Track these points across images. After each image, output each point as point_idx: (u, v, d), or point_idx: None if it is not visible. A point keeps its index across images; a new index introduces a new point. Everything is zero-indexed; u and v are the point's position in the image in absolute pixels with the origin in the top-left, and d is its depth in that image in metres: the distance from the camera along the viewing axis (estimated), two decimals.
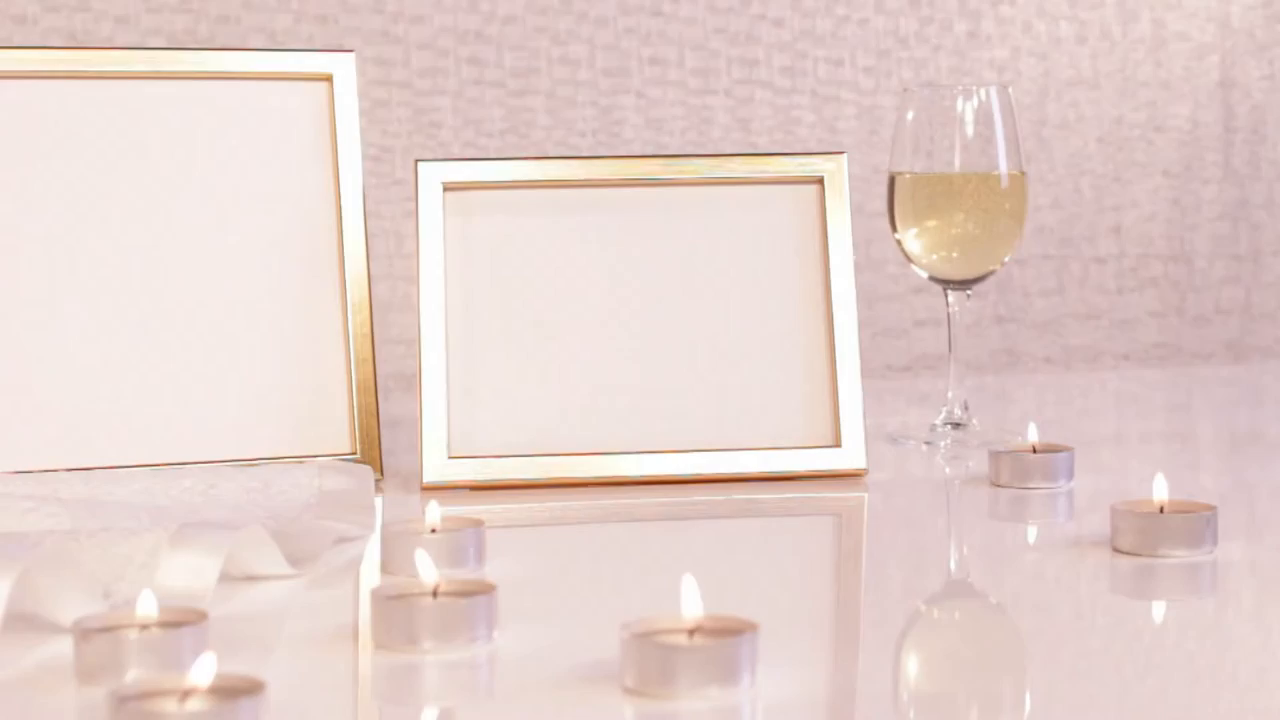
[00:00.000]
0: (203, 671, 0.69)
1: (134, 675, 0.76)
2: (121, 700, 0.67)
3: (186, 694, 0.68)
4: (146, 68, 1.25)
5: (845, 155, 1.28)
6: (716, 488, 1.21)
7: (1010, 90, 1.37)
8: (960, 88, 1.36)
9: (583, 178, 1.26)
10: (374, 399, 1.24)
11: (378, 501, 1.16)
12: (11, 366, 1.20)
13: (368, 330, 1.24)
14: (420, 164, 1.24)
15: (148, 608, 0.78)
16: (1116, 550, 1.00)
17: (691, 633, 0.76)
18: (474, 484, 1.20)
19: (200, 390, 1.22)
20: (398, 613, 0.81)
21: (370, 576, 0.98)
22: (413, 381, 1.65)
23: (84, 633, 0.77)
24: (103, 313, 1.22)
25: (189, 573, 0.88)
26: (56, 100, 1.24)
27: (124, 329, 1.22)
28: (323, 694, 0.78)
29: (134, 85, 1.25)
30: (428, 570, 0.83)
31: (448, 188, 1.24)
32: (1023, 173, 1.36)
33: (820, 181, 1.27)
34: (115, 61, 1.25)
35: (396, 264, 1.73)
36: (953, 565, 1.04)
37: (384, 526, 0.97)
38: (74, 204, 1.23)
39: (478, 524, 0.98)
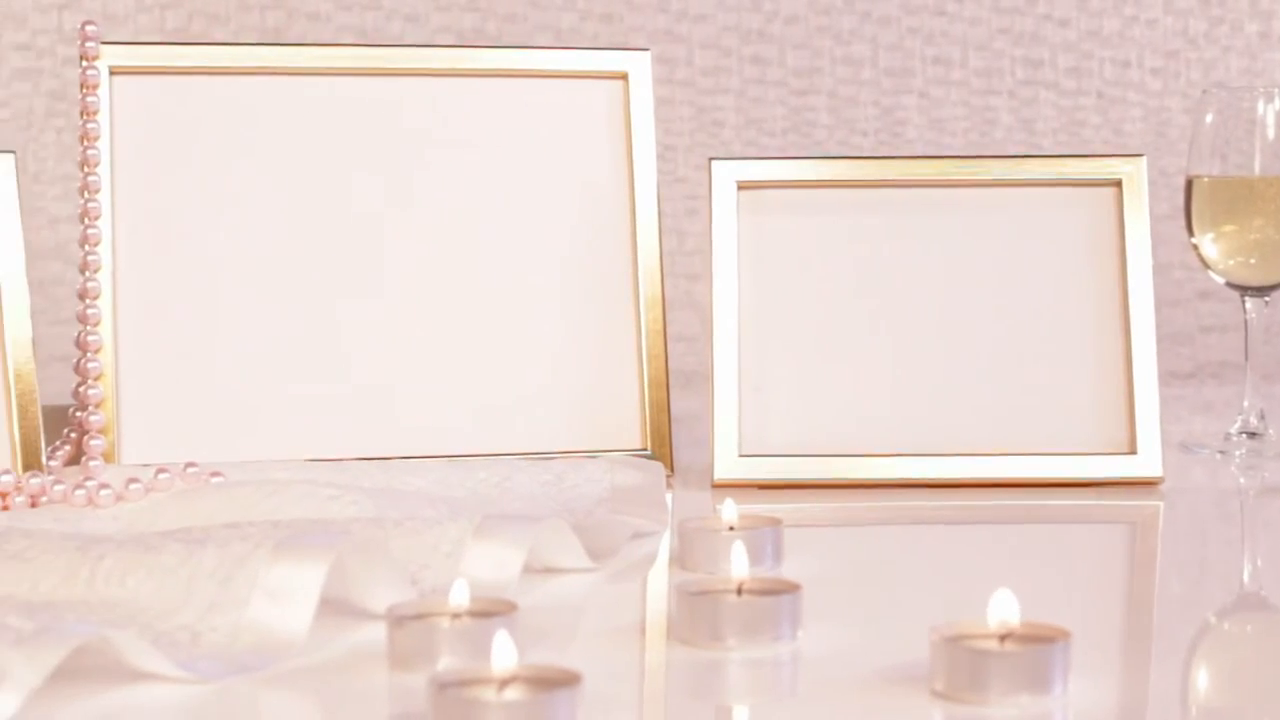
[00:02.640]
0: (503, 654, 0.69)
1: (445, 663, 0.77)
2: (441, 687, 0.68)
3: (504, 683, 0.69)
4: (445, 65, 1.27)
5: (1144, 158, 1.26)
6: (1009, 492, 1.19)
7: None
8: (1261, 90, 1.33)
9: (885, 178, 1.26)
10: (665, 395, 1.24)
11: (668, 498, 1.17)
12: (314, 358, 1.23)
13: (660, 326, 1.25)
14: (714, 162, 1.24)
15: (460, 597, 0.79)
16: None
17: (1003, 639, 0.75)
18: (764, 483, 1.20)
19: (496, 384, 1.24)
20: (703, 609, 0.81)
21: (668, 572, 0.98)
22: (691, 378, 1.65)
23: (398, 620, 0.78)
24: (402, 306, 1.24)
25: (493, 564, 0.89)
26: (352, 97, 1.26)
27: (423, 322, 1.24)
28: (628, 687, 0.79)
29: (431, 82, 1.27)
30: (740, 565, 0.83)
31: (741, 186, 1.24)
32: None
33: (1118, 184, 1.25)
34: (413, 59, 1.27)
35: (678, 261, 1.74)
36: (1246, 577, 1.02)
37: (680, 523, 0.98)
38: (369, 201, 1.25)
39: (775, 523, 0.97)
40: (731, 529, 0.96)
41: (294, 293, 1.23)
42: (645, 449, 1.24)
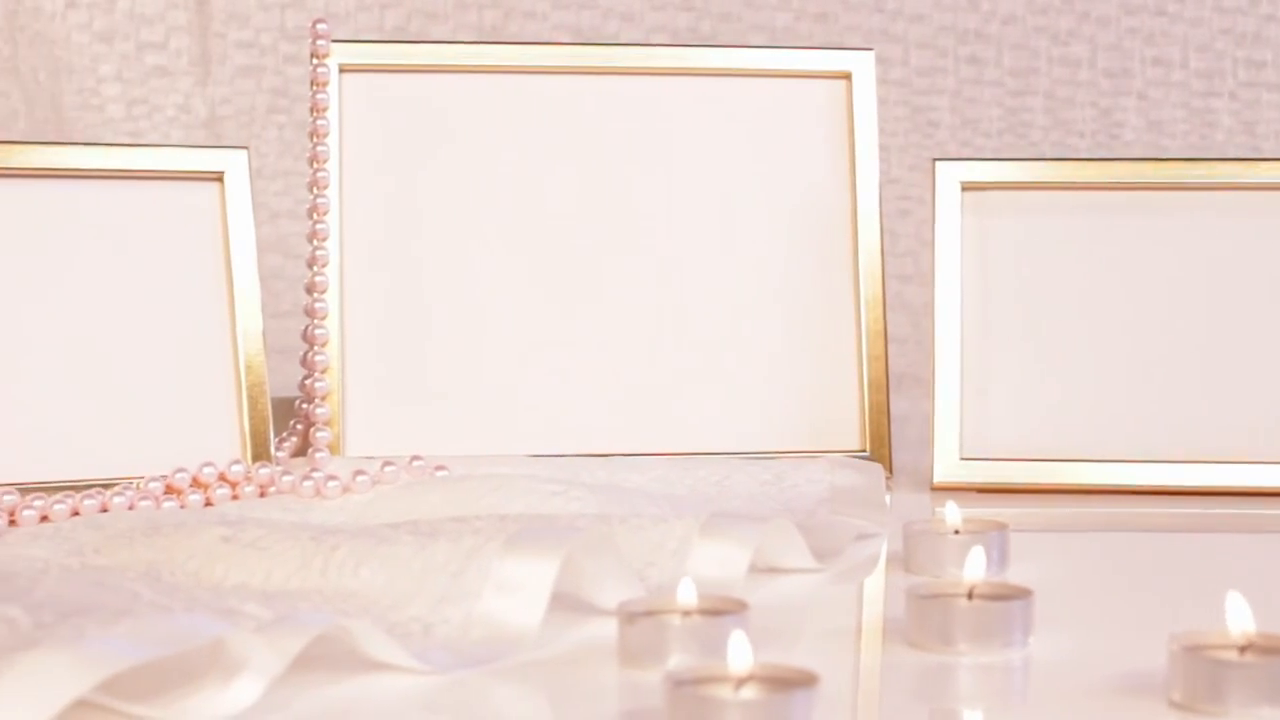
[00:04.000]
0: (740, 653, 0.69)
1: (676, 660, 0.77)
2: (677, 684, 0.68)
3: (741, 682, 0.69)
4: (668, 63, 1.27)
5: None
6: (1237, 501, 1.18)
7: None
8: None
9: (1113, 181, 1.24)
10: (885, 397, 1.24)
11: (887, 499, 1.16)
12: (536, 355, 1.24)
13: (881, 327, 1.25)
14: (937, 162, 1.23)
15: (688, 595, 0.79)
16: None
17: (1243, 649, 0.74)
18: (984, 486, 1.19)
19: (717, 383, 1.24)
20: (933, 612, 0.80)
21: (891, 574, 0.98)
22: (901, 380, 1.64)
23: (629, 616, 0.78)
24: (623, 303, 1.25)
25: (719, 562, 0.89)
26: (572, 95, 1.27)
27: (643, 320, 1.25)
28: (859, 689, 0.78)
29: (652, 81, 1.28)
30: (973, 569, 0.82)
31: (964, 187, 1.23)
32: None
33: None
34: (636, 58, 1.28)
35: (889, 262, 1.72)
36: None
37: (905, 525, 0.97)
38: (589, 198, 1.26)
39: (1002, 527, 0.96)
40: (957, 532, 0.96)
41: (515, 288, 1.24)
42: (863, 450, 1.23)
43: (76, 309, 1.13)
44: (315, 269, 1.20)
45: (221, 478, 1.10)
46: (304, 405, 1.20)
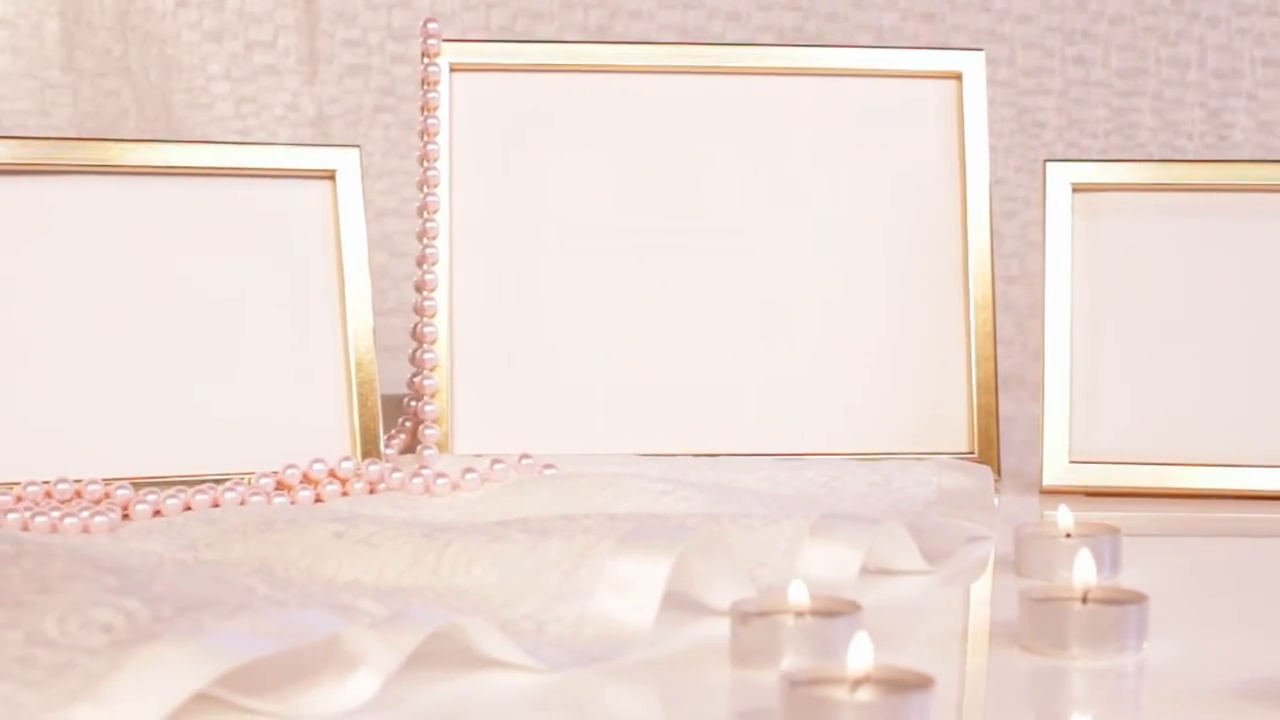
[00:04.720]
0: (861, 654, 0.69)
1: (789, 660, 0.77)
2: (792, 685, 0.68)
3: (857, 683, 0.68)
4: (776, 63, 1.27)
5: None
6: None
7: None
8: None
9: (1232, 182, 1.23)
10: (994, 399, 1.23)
11: (995, 502, 1.16)
12: (645, 354, 1.24)
13: (990, 329, 1.24)
14: (1049, 164, 1.23)
15: (799, 595, 0.79)
16: None
17: None
18: (1094, 490, 1.18)
19: (825, 383, 1.24)
20: (1048, 616, 0.80)
21: (1000, 577, 0.97)
22: (1006, 382, 1.64)
23: (742, 616, 0.78)
24: (731, 303, 1.25)
25: (830, 563, 0.89)
26: (678, 94, 1.27)
27: (753, 319, 1.25)
28: (971, 692, 0.78)
29: (759, 81, 1.28)
30: (1085, 573, 0.81)
31: (1076, 189, 1.23)
32: None
33: None
34: (742, 57, 1.28)
35: (995, 263, 1.72)
36: None
37: (1017, 528, 0.97)
38: (697, 198, 1.26)
39: (1114, 531, 0.96)
40: (1069, 536, 0.95)
41: (625, 288, 1.25)
42: (971, 452, 1.23)
43: (187, 306, 1.14)
44: (425, 267, 1.21)
45: (332, 474, 1.11)
46: (413, 403, 1.21)
